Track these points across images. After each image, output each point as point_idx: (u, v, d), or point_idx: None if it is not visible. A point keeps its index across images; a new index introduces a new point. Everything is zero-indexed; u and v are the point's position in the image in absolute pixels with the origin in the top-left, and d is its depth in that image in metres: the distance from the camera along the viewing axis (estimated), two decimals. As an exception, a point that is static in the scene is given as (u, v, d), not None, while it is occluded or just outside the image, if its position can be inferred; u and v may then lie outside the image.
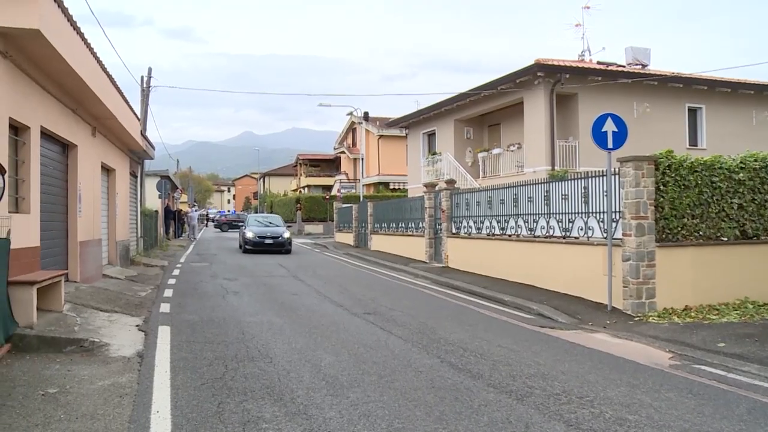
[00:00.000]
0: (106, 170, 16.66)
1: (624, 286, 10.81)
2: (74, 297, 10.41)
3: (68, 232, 12.22)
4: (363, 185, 45.95)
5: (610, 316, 10.54)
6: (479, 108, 25.34)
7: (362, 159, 45.88)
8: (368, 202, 29.68)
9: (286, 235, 26.65)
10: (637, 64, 24.23)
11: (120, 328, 8.82)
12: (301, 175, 72.06)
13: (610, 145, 11.04)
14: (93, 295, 11.09)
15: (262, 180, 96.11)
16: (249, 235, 26.43)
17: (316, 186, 66.19)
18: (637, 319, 10.27)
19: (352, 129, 60.05)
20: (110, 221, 16.96)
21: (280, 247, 26.23)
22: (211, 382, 6.12)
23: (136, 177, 23.09)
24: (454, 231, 18.84)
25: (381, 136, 50.77)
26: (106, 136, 15.53)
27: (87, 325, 8.51)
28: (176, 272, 17.63)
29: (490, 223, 16.35)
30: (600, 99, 21.08)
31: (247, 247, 26.25)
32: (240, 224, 54.07)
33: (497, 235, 15.95)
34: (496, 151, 24.82)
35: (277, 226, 28.12)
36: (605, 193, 11.41)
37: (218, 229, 54.87)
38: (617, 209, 11.17)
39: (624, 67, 23.74)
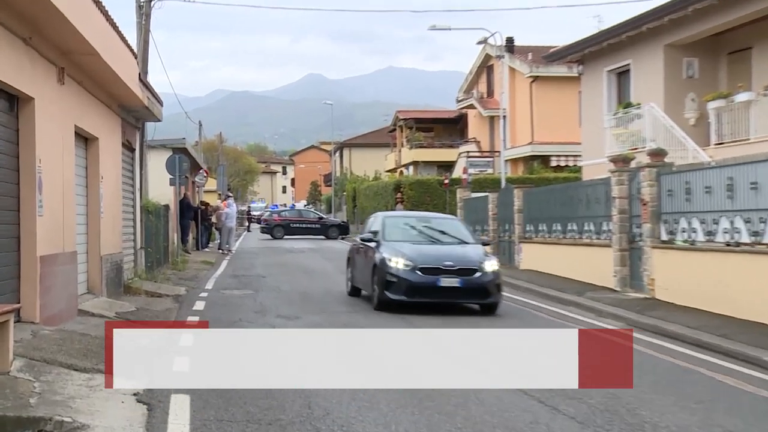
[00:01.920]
0: (84, 139, 17.05)
1: None
2: (31, 347, 10.60)
3: (20, 242, 12.47)
4: (505, 161, 45.46)
5: None
6: (710, 23, 24.72)
7: (504, 117, 45.23)
8: (515, 189, 29.64)
9: (490, 266, 18.44)
10: None
11: (107, 398, 8.87)
12: (402, 145, 72.50)
13: None
14: (62, 345, 11.26)
15: (338, 154, 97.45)
16: (397, 265, 18.13)
17: (427, 163, 66.65)
18: None
19: (486, 68, 59.73)
20: (91, 223, 17.36)
21: (477, 297, 18.45)
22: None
23: (133, 150, 23.65)
24: (664, 237, 18.71)
25: (535, 78, 50.10)
26: (81, 83, 15.86)
27: (51, 395, 8.58)
28: (199, 306, 18.00)
29: (732, 224, 16.16)
30: None
31: (391, 295, 17.91)
32: (300, 226, 55.02)
33: (745, 244, 15.74)
34: (742, 97, 24.03)
35: (461, 241, 20.12)
36: None
37: (267, 235, 55.78)
38: None
39: None
